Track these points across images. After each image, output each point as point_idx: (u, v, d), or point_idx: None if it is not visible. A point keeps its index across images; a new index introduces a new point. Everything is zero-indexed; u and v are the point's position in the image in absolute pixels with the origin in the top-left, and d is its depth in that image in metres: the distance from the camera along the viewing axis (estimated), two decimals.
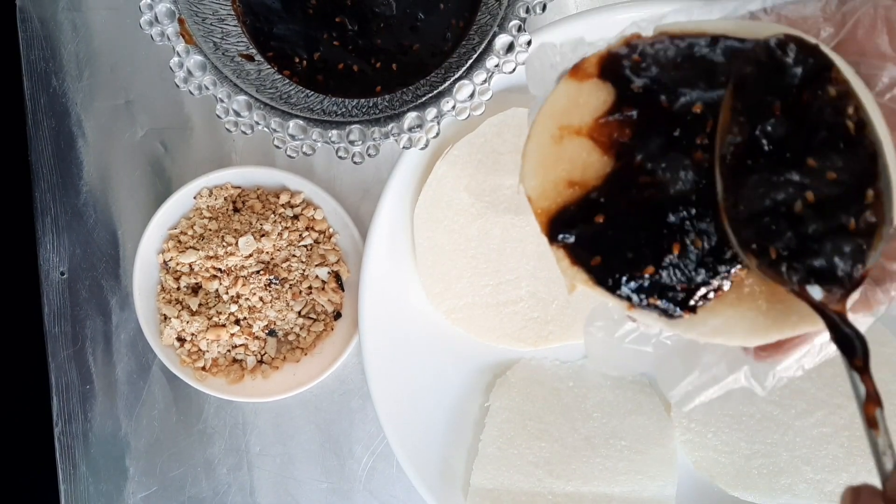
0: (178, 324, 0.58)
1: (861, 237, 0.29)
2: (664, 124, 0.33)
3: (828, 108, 0.30)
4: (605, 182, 0.33)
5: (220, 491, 0.62)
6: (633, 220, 0.32)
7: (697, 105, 0.32)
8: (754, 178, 0.30)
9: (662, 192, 0.32)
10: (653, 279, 0.32)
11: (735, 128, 0.31)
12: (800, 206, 0.30)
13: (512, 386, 0.57)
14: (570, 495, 0.56)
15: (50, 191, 0.61)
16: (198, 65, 0.45)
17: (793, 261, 0.29)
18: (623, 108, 0.33)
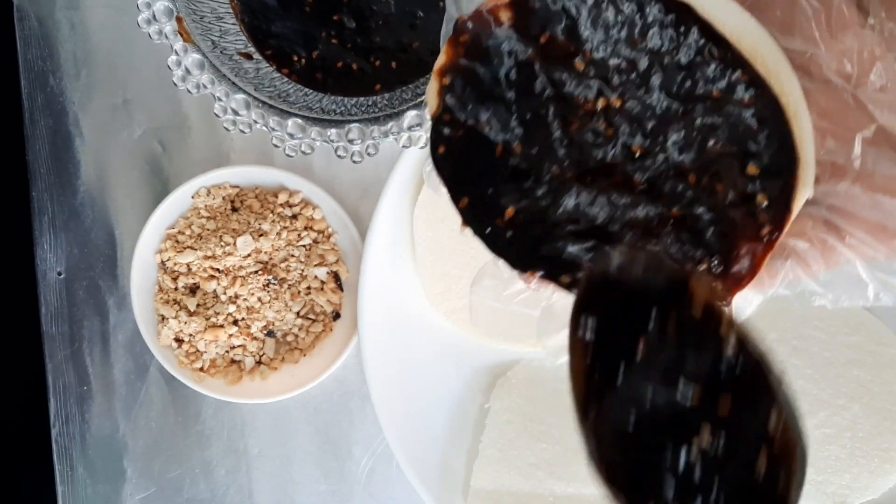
0: (175, 324, 0.57)
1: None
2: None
3: (695, 336, 0.25)
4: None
5: (219, 493, 0.62)
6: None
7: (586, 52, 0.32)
8: (626, 430, 0.27)
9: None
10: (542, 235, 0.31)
11: (596, 384, 0.26)
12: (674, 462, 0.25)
13: (513, 387, 0.57)
14: (571, 497, 0.56)
15: (47, 190, 0.61)
16: (196, 63, 0.45)
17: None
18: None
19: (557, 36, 0.33)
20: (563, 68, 0.33)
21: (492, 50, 0.33)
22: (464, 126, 0.33)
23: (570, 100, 0.33)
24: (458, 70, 0.33)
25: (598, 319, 0.26)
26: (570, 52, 0.33)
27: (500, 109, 0.33)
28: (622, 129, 0.32)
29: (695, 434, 0.24)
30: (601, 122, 0.32)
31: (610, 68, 0.32)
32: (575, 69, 0.32)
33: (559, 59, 0.33)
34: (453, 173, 0.33)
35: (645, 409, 0.25)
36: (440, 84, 0.33)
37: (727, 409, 0.24)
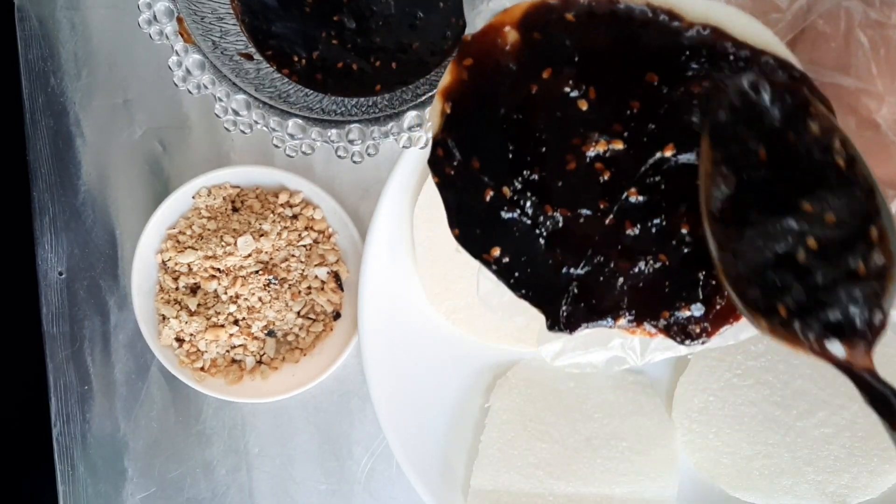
0: (176, 324, 0.57)
1: (873, 280, 0.27)
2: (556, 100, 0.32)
3: (815, 147, 0.28)
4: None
5: (219, 492, 0.62)
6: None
7: (591, 90, 0.31)
8: (749, 231, 0.28)
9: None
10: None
11: (719, 180, 0.29)
12: (803, 256, 0.27)
13: (512, 387, 0.57)
14: (570, 496, 0.56)
15: (48, 190, 0.61)
16: (196, 64, 0.45)
17: (806, 317, 0.27)
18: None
19: (562, 72, 0.32)
20: (564, 106, 0.32)
21: (494, 78, 0.32)
22: (459, 164, 0.33)
23: (568, 139, 0.32)
24: (460, 98, 0.33)
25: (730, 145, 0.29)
26: (575, 89, 0.32)
27: (495, 150, 0.33)
28: (621, 173, 0.32)
29: (804, 243, 0.27)
30: (598, 165, 0.32)
31: (616, 109, 0.32)
32: (577, 108, 0.32)
33: (561, 96, 0.32)
34: (448, 199, 0.34)
35: (772, 229, 0.28)
36: (442, 107, 0.33)
37: (833, 219, 0.27)
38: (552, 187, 0.32)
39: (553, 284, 0.32)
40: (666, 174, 0.31)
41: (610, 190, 0.32)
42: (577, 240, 0.32)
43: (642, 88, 0.31)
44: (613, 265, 0.32)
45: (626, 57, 0.31)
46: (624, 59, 0.31)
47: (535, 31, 0.32)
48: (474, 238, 0.33)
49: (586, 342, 0.38)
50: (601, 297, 0.32)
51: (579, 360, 0.39)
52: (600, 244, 0.32)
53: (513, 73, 0.32)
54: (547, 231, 0.32)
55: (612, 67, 0.32)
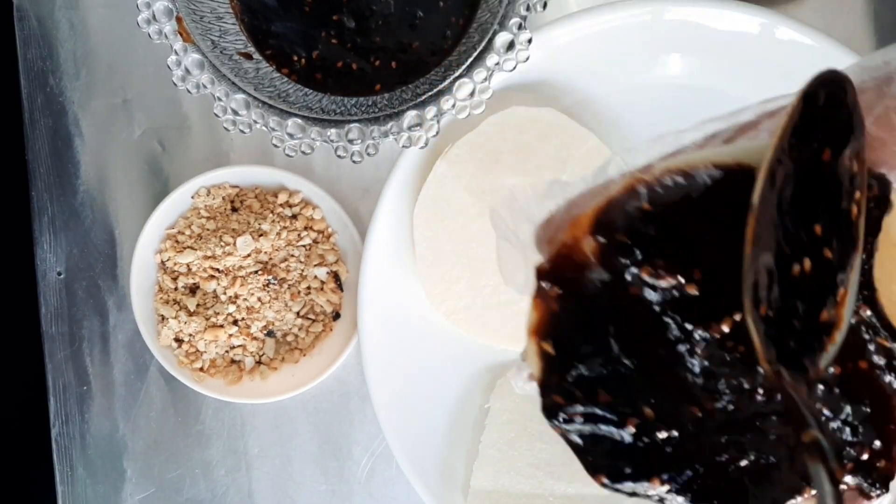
0: (175, 324, 0.57)
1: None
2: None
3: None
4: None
5: (219, 493, 0.62)
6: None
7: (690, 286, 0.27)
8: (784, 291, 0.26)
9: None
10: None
11: (762, 253, 0.26)
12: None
13: (513, 387, 0.57)
14: (571, 497, 0.56)
15: (47, 190, 0.61)
16: (195, 63, 0.45)
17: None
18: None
19: (659, 264, 0.27)
20: (673, 301, 0.28)
21: (589, 298, 0.28)
22: (583, 408, 0.29)
23: (690, 336, 0.28)
24: (557, 333, 0.29)
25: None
26: (678, 279, 0.28)
27: (619, 372, 0.28)
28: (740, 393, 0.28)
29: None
30: (730, 343, 0.28)
31: (725, 286, 0.27)
32: (688, 297, 0.27)
33: (667, 291, 0.28)
34: (580, 447, 0.30)
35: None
36: (540, 349, 0.29)
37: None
38: (687, 394, 0.28)
39: (726, 490, 0.29)
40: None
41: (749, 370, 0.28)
42: (723, 449, 0.28)
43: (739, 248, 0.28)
44: (762, 468, 0.28)
45: (717, 225, 0.28)
46: (715, 228, 0.28)
47: (617, 234, 0.28)
48: (627, 477, 0.29)
49: None
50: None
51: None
52: (748, 443, 0.28)
53: (608, 286, 0.28)
54: (694, 443, 0.28)
55: (707, 239, 0.28)
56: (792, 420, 0.26)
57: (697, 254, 0.28)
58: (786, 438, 0.28)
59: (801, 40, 0.51)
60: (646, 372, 0.28)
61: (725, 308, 0.27)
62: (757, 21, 0.52)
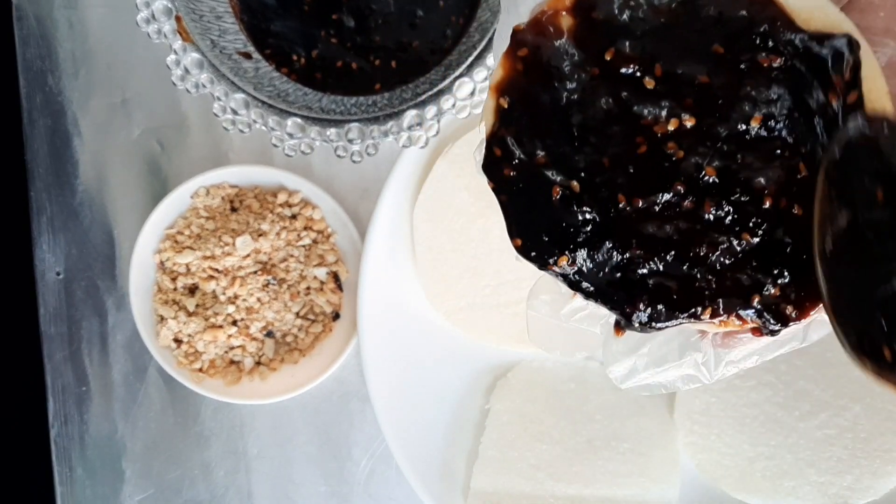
0: (174, 325, 0.57)
1: None
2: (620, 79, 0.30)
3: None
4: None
5: (218, 494, 0.62)
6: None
7: (657, 67, 0.30)
8: (860, 272, 0.27)
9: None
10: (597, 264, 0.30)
11: (833, 218, 0.27)
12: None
13: (513, 388, 0.57)
14: (571, 498, 0.56)
15: (46, 190, 0.61)
16: (195, 62, 0.44)
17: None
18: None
19: (624, 51, 0.30)
20: (630, 87, 0.30)
21: (552, 67, 0.30)
22: (521, 162, 0.31)
23: (637, 121, 0.30)
24: (516, 92, 0.31)
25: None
26: (639, 68, 0.30)
27: (560, 141, 0.30)
28: (695, 150, 0.30)
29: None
30: (671, 145, 0.30)
31: (684, 84, 0.30)
32: (644, 87, 0.30)
33: (626, 76, 0.30)
34: (509, 205, 0.31)
35: (883, 270, 0.26)
36: (497, 103, 0.31)
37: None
38: (624, 175, 0.30)
39: (631, 283, 0.30)
40: (740, 148, 0.30)
41: (685, 171, 0.30)
42: (653, 231, 0.30)
43: (709, 61, 0.30)
44: (694, 253, 0.30)
45: (689, 30, 0.30)
46: (687, 33, 0.30)
47: (593, 12, 0.30)
48: (540, 247, 0.31)
49: (657, 359, 0.36)
50: (685, 290, 0.30)
51: (650, 381, 0.37)
52: (679, 232, 0.30)
53: (573, 58, 0.31)
54: (621, 225, 0.30)
55: (676, 42, 0.30)
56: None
57: (662, 52, 0.30)
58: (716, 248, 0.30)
59: None
60: (586, 147, 0.30)
61: (673, 108, 0.30)
62: None
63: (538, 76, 0.31)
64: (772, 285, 0.30)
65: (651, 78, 0.30)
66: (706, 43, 0.30)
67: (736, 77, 0.30)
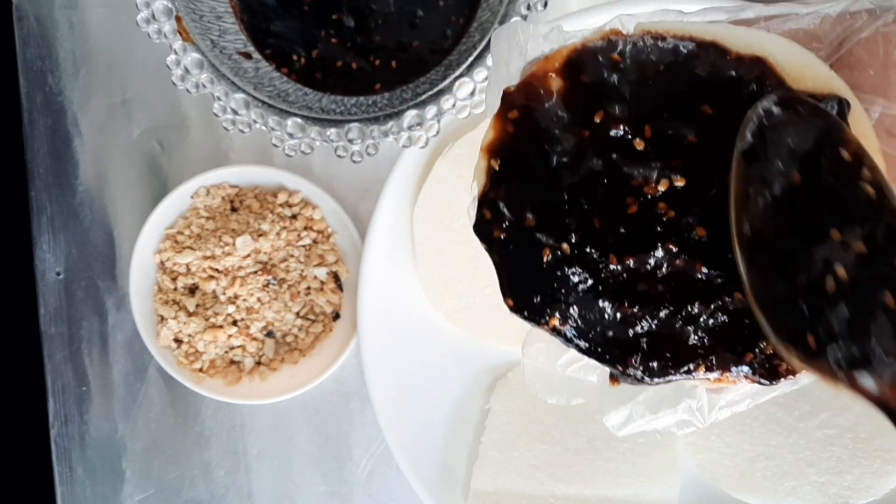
0: (174, 325, 0.57)
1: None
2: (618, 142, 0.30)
3: (844, 173, 0.27)
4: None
5: (218, 494, 0.62)
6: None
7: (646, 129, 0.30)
8: (779, 256, 0.27)
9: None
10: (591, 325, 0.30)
11: (750, 200, 0.28)
12: (832, 285, 0.26)
13: (513, 388, 0.57)
14: (571, 498, 0.56)
15: (46, 190, 0.61)
16: (195, 62, 0.44)
17: (834, 348, 0.26)
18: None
19: (613, 113, 0.30)
20: (620, 148, 0.30)
21: (542, 129, 0.31)
22: (511, 224, 0.31)
23: (627, 182, 0.30)
24: (506, 153, 0.31)
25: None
26: (628, 129, 0.30)
27: (550, 204, 0.31)
28: (686, 210, 0.30)
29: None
30: (661, 205, 0.30)
31: (673, 144, 0.30)
32: (633, 149, 0.30)
33: (616, 138, 0.30)
34: (501, 266, 0.31)
35: (801, 255, 0.27)
36: (488, 164, 0.31)
37: (862, 248, 0.26)
38: (615, 236, 0.30)
39: (624, 341, 0.30)
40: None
41: (676, 230, 0.30)
42: (645, 289, 0.30)
43: (697, 121, 0.30)
44: (687, 311, 0.30)
45: (678, 92, 0.30)
46: (676, 95, 0.30)
47: (582, 75, 0.31)
48: (532, 307, 0.31)
49: (653, 407, 0.36)
50: (678, 347, 0.30)
51: (645, 428, 0.37)
52: (671, 290, 0.30)
53: (562, 121, 0.31)
54: (613, 285, 0.30)
55: (665, 103, 0.30)
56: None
57: (651, 113, 0.30)
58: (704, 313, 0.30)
59: None
60: (576, 209, 0.31)
61: (663, 169, 0.30)
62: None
63: (529, 138, 0.31)
64: (765, 342, 0.30)
65: (641, 139, 0.30)
66: (695, 103, 0.30)
67: (725, 137, 0.30)
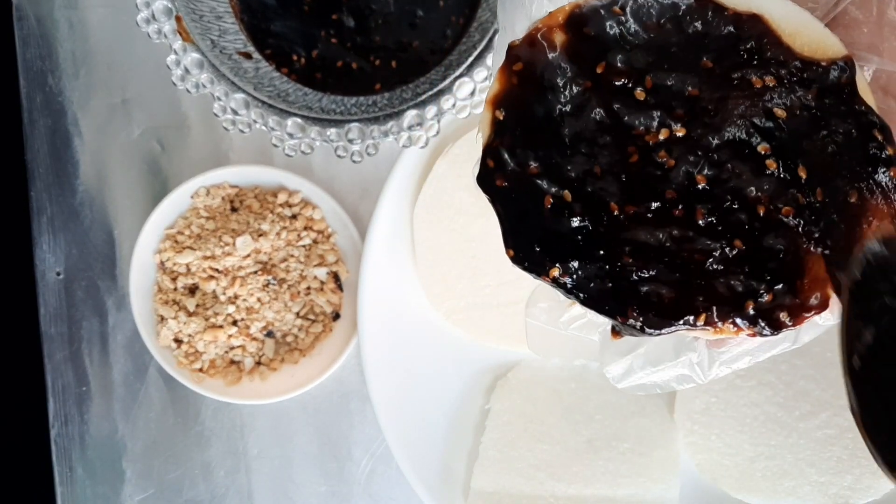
0: (175, 325, 0.57)
1: None
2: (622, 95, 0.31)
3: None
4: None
5: (218, 494, 0.62)
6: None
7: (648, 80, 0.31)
8: (887, 388, 0.27)
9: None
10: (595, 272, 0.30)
11: (858, 334, 0.28)
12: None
13: (513, 388, 0.57)
14: (571, 498, 0.56)
15: (46, 190, 0.61)
16: (195, 62, 0.44)
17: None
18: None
19: (615, 64, 0.31)
20: (621, 98, 0.31)
21: (546, 80, 0.31)
22: (514, 172, 0.31)
23: (628, 131, 0.31)
24: (511, 104, 0.32)
25: None
26: (630, 80, 0.31)
27: (552, 152, 0.31)
28: (685, 159, 0.31)
29: None
30: (661, 154, 0.31)
31: (673, 95, 0.31)
32: (634, 98, 0.31)
33: (617, 88, 0.31)
34: (503, 214, 0.32)
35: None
36: (493, 116, 0.32)
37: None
38: (616, 184, 0.31)
39: (625, 290, 0.31)
40: (731, 158, 0.31)
41: (676, 179, 0.31)
42: (645, 238, 0.31)
43: (698, 74, 0.31)
44: (687, 260, 0.31)
45: (678, 45, 0.31)
46: (676, 47, 0.31)
47: (584, 28, 0.31)
48: (533, 257, 0.31)
49: (653, 359, 0.36)
50: (678, 297, 0.31)
51: (645, 381, 0.37)
52: (671, 239, 0.31)
53: (565, 72, 0.32)
54: (613, 234, 0.31)
55: (666, 56, 0.31)
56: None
57: (652, 65, 0.31)
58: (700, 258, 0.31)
59: None
60: (578, 157, 0.31)
61: (663, 118, 0.31)
62: None
63: (532, 89, 0.32)
64: (765, 292, 0.30)
65: (642, 90, 0.31)
66: (695, 57, 0.31)
67: (725, 91, 0.31)
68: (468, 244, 0.55)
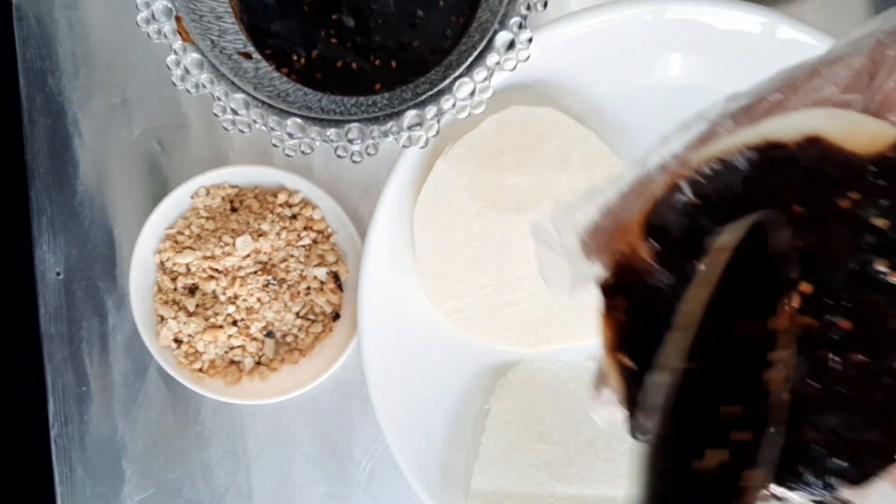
0: (174, 325, 0.57)
1: None
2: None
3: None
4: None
5: (218, 494, 0.62)
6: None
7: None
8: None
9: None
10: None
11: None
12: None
13: (513, 388, 0.57)
14: (572, 498, 0.56)
15: (46, 190, 0.61)
16: (195, 63, 0.44)
17: None
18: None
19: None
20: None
21: (656, 307, 0.28)
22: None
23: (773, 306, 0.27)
24: (630, 345, 0.28)
25: None
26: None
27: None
28: (821, 317, 0.27)
29: None
30: (804, 319, 0.27)
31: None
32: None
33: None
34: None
35: None
36: (618, 364, 0.29)
37: None
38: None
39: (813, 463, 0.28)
40: (859, 287, 0.28)
41: (824, 336, 0.28)
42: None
43: (791, 221, 0.28)
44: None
45: (762, 202, 0.28)
46: (762, 205, 0.28)
47: (669, 232, 0.28)
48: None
49: None
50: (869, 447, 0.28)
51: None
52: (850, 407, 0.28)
53: (671, 286, 0.28)
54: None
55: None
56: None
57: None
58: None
59: (803, 40, 0.51)
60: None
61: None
62: (758, 20, 0.52)
63: (646, 321, 0.28)
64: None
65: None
66: (785, 207, 0.28)
67: (822, 228, 0.28)
68: (468, 244, 0.55)
